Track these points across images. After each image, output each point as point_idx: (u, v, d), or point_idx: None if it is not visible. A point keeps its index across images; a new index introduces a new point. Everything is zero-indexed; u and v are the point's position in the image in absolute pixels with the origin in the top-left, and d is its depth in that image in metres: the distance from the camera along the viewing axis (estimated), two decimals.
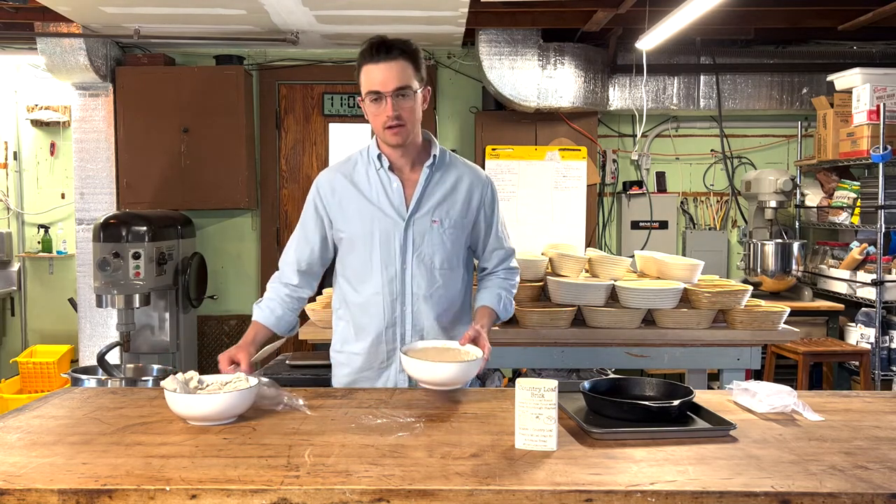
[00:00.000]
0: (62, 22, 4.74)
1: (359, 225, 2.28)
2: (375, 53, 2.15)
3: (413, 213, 2.27)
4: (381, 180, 2.29)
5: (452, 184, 2.32)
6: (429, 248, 2.28)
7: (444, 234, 2.29)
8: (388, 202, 2.27)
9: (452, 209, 2.30)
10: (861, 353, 4.51)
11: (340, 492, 1.40)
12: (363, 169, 2.31)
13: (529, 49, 4.99)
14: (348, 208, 2.30)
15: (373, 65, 2.16)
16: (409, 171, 2.31)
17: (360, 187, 2.30)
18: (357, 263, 2.31)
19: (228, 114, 5.19)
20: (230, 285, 5.65)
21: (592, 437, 1.72)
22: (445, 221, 2.29)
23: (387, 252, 2.27)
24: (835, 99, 4.95)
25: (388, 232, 2.27)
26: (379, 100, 2.17)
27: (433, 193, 2.30)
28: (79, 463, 1.54)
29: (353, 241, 2.30)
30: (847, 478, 1.48)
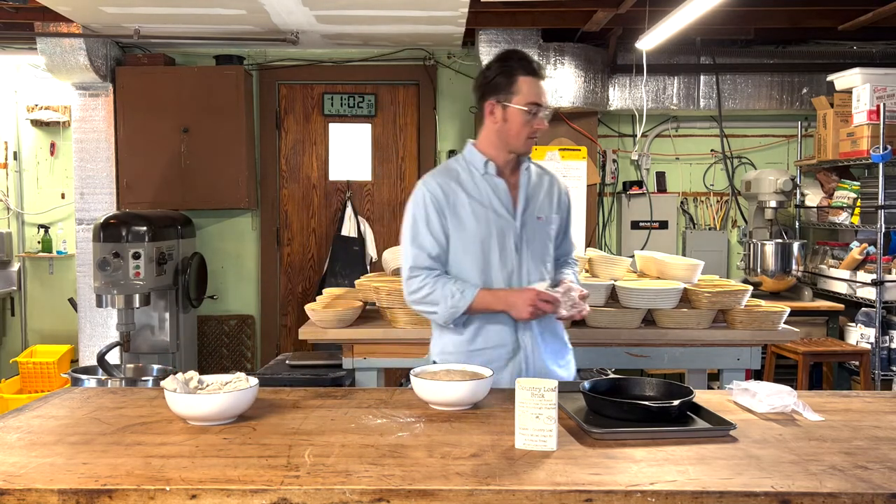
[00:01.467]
0: (62, 22, 4.74)
1: (475, 226, 2.37)
2: (538, 69, 2.35)
3: (522, 211, 2.41)
4: (489, 184, 2.40)
5: (543, 184, 2.49)
6: (538, 243, 2.43)
7: (548, 229, 2.46)
8: (499, 203, 2.39)
9: (548, 206, 2.47)
10: (861, 353, 4.51)
11: (340, 492, 1.41)
12: (467, 175, 2.42)
13: (529, 49, 4.99)
14: (461, 212, 2.38)
15: (536, 79, 2.33)
16: (509, 174, 2.44)
17: (469, 191, 2.40)
18: (475, 266, 2.38)
19: (228, 114, 5.18)
20: (230, 285, 5.65)
21: (592, 437, 1.72)
22: (546, 218, 2.46)
23: (504, 250, 2.37)
24: (835, 99, 4.95)
25: (504, 231, 2.37)
26: (536, 113, 2.33)
27: (533, 193, 2.45)
28: (79, 463, 1.54)
29: (471, 243, 2.38)
30: (847, 478, 1.48)
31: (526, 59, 2.35)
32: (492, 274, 2.38)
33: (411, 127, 5.63)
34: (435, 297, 2.34)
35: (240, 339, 5.62)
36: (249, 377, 1.96)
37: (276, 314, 5.65)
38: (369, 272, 5.25)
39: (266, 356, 5.57)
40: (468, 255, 2.38)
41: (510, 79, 2.32)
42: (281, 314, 5.67)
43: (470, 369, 2.09)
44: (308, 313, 3.42)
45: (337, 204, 5.62)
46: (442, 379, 1.99)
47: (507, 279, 2.38)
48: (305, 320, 3.50)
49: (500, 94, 2.34)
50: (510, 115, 2.33)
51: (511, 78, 2.31)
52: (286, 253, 5.66)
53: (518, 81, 2.31)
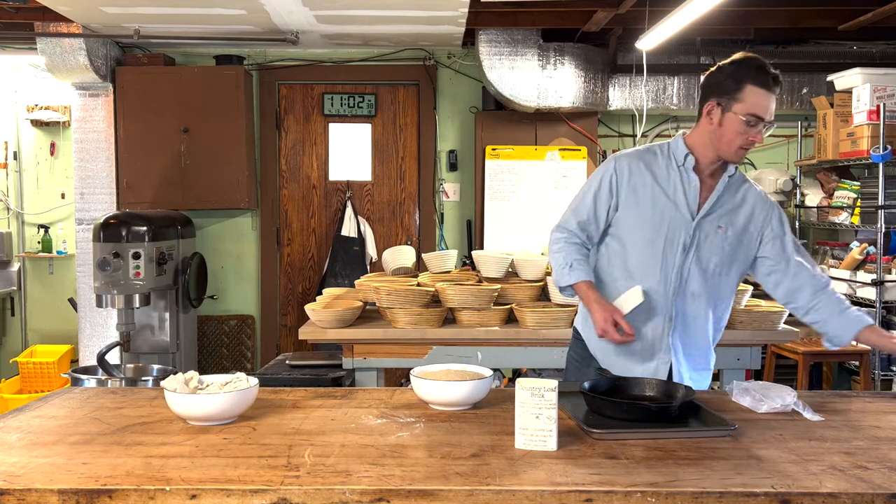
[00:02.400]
0: (62, 22, 4.74)
1: (650, 211, 2.34)
2: (772, 83, 2.22)
3: (705, 215, 2.34)
4: (681, 177, 2.35)
5: (742, 197, 2.39)
6: (708, 250, 2.34)
7: (726, 241, 2.35)
8: (683, 198, 2.34)
9: (737, 219, 2.36)
10: (861, 353, 4.51)
11: (340, 492, 1.40)
12: (663, 162, 2.38)
13: (529, 49, 4.99)
14: (642, 193, 2.35)
15: (766, 91, 2.22)
16: (707, 176, 2.37)
17: (657, 177, 2.36)
18: (639, 247, 2.36)
19: (228, 114, 5.19)
20: (230, 285, 5.65)
21: (592, 437, 1.72)
22: (729, 230, 2.35)
23: (671, 244, 2.33)
24: (835, 99, 4.95)
25: (677, 226, 2.33)
26: (755, 125, 2.23)
27: (725, 202, 2.36)
28: (79, 463, 1.54)
29: (641, 225, 2.35)
30: (847, 478, 1.48)
31: (763, 68, 2.23)
32: (653, 262, 2.34)
33: (411, 127, 5.63)
34: (557, 258, 2.39)
35: (240, 339, 5.62)
36: (249, 377, 1.96)
37: (276, 314, 5.65)
38: (369, 272, 5.25)
39: (266, 356, 5.57)
40: (637, 236, 2.36)
41: (738, 84, 2.23)
42: (281, 314, 5.67)
43: (470, 369, 2.09)
44: (308, 313, 3.42)
45: (337, 204, 5.62)
46: (442, 379, 1.99)
47: (665, 273, 2.34)
48: (305, 320, 3.50)
49: (724, 97, 2.26)
50: (727, 121, 2.26)
51: (739, 84, 2.23)
52: (286, 253, 5.66)
53: (745, 89, 2.22)
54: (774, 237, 2.39)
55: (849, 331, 2.28)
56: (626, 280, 2.37)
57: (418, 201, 5.64)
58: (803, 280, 2.36)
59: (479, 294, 3.37)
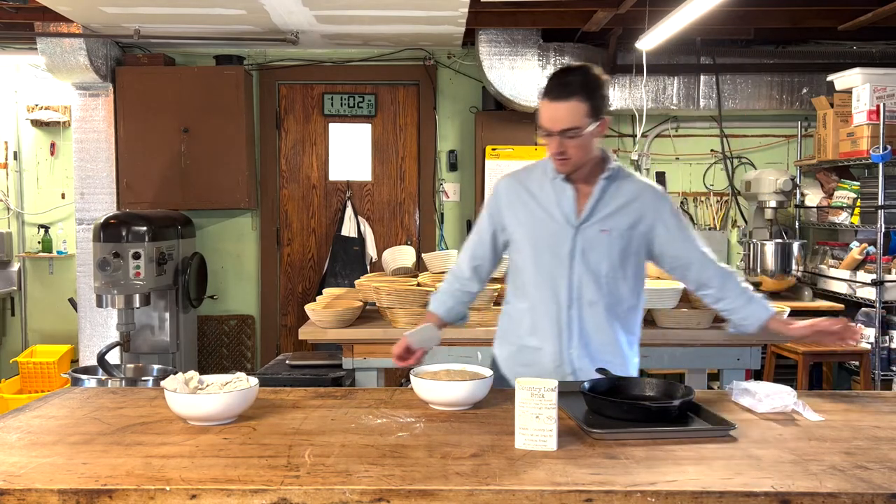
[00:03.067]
0: (62, 22, 4.73)
1: (530, 227, 2.36)
2: (552, 91, 2.20)
3: (584, 221, 2.31)
4: (555, 189, 2.35)
5: (626, 198, 2.35)
6: (596, 255, 2.31)
7: (613, 245, 2.32)
8: (557, 209, 2.33)
9: (622, 220, 2.33)
10: (861, 353, 4.51)
11: (340, 492, 1.40)
12: (539, 177, 2.38)
13: (529, 49, 4.99)
14: (521, 211, 2.37)
15: (547, 102, 2.21)
16: (584, 183, 2.35)
17: (532, 193, 2.37)
18: (526, 265, 2.37)
19: (228, 114, 5.19)
20: (230, 285, 5.65)
21: (592, 437, 1.72)
22: (614, 232, 2.32)
23: (555, 256, 2.32)
24: (835, 99, 4.95)
25: (558, 237, 2.32)
26: (549, 135, 2.23)
27: (606, 205, 2.33)
28: (79, 463, 1.54)
29: (524, 242, 2.37)
30: (847, 478, 1.48)
31: (553, 77, 2.23)
32: (540, 278, 2.35)
33: (411, 127, 5.62)
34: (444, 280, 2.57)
35: (240, 339, 5.63)
36: (249, 377, 1.96)
37: (276, 314, 5.65)
38: (369, 272, 5.25)
39: (266, 356, 5.57)
40: (522, 254, 2.39)
41: (541, 98, 2.26)
42: (281, 314, 5.67)
43: (470, 369, 2.09)
44: (308, 313, 3.42)
45: (337, 204, 5.62)
46: (442, 379, 1.99)
47: (554, 286, 2.32)
48: (305, 320, 3.50)
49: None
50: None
51: (541, 97, 2.25)
52: (286, 253, 5.66)
53: (541, 102, 2.25)
54: (668, 231, 2.38)
55: (757, 320, 2.34)
56: (523, 299, 2.40)
57: (418, 201, 5.64)
58: (711, 272, 2.40)
59: (478, 294, 3.37)
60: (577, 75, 2.21)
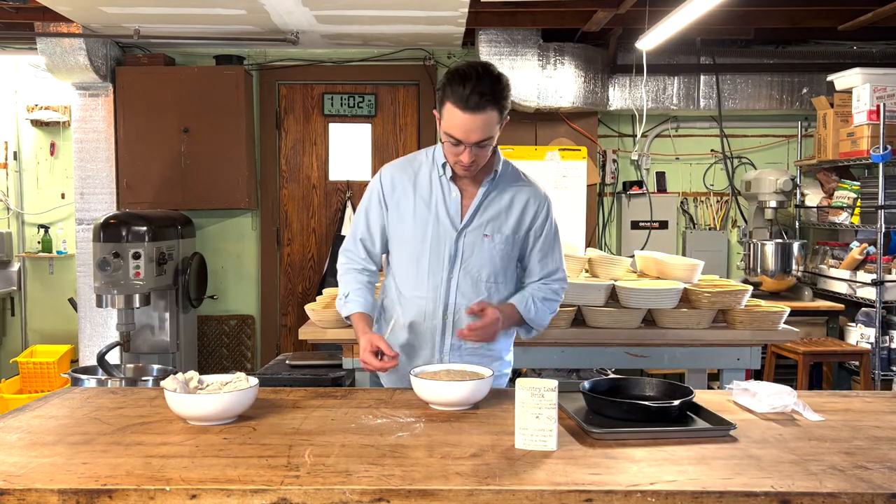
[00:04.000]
0: (62, 22, 4.73)
1: (412, 226, 2.29)
2: (468, 102, 2.05)
3: (466, 225, 2.27)
4: (443, 187, 2.28)
5: (509, 200, 2.30)
6: (477, 260, 2.28)
7: (494, 249, 2.28)
8: (444, 210, 2.27)
9: (505, 225, 2.29)
10: (861, 353, 4.51)
11: (340, 492, 1.40)
12: (427, 171, 2.31)
13: (529, 49, 4.99)
14: (404, 208, 2.30)
15: (460, 112, 2.07)
16: (470, 182, 2.29)
17: (419, 189, 2.29)
18: (406, 264, 2.32)
19: (228, 114, 5.19)
20: (230, 285, 5.65)
21: (592, 437, 1.72)
22: (496, 237, 2.28)
23: (436, 259, 2.27)
24: (835, 99, 4.95)
25: (440, 239, 2.27)
26: (458, 144, 2.13)
27: (488, 208, 2.28)
28: (79, 463, 1.54)
29: (405, 241, 2.31)
30: (847, 478, 1.48)
31: (464, 83, 2.05)
32: (418, 280, 2.29)
33: (411, 127, 5.62)
34: (341, 283, 2.39)
35: (240, 339, 5.62)
36: (249, 377, 1.96)
37: (276, 314, 5.65)
38: None
39: (266, 356, 5.57)
40: (401, 252, 2.32)
41: (442, 100, 2.13)
42: (281, 314, 5.67)
43: (470, 369, 2.09)
44: (308, 313, 3.42)
45: (337, 204, 5.62)
46: (442, 379, 1.99)
47: (434, 289, 2.27)
48: (305, 320, 3.50)
49: (439, 107, 2.17)
50: (441, 134, 2.19)
51: (443, 100, 2.12)
52: (286, 253, 5.66)
53: (446, 106, 2.11)
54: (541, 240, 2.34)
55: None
56: (399, 298, 2.33)
57: None
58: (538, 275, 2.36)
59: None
60: (490, 83, 2.07)
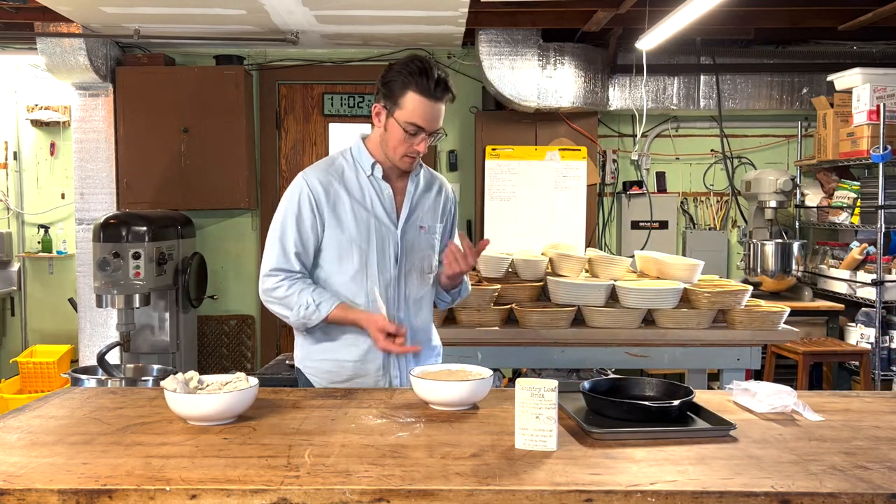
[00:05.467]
0: (62, 22, 4.74)
1: (355, 230, 2.25)
2: (434, 90, 2.12)
3: (406, 220, 2.31)
4: (374, 187, 2.28)
5: (432, 192, 2.40)
6: (419, 253, 2.34)
7: (431, 240, 2.37)
8: (382, 209, 2.29)
9: (433, 215, 2.38)
10: (861, 353, 4.51)
11: (340, 492, 1.40)
12: (352, 174, 2.29)
13: (529, 49, 4.99)
14: (342, 212, 2.25)
15: (427, 100, 2.13)
16: (396, 179, 2.33)
17: (352, 193, 2.27)
18: (352, 271, 2.27)
19: (228, 114, 5.19)
20: (230, 285, 5.65)
21: (592, 437, 1.72)
22: (430, 227, 2.36)
23: (383, 259, 2.28)
24: (835, 99, 4.95)
25: (384, 239, 2.28)
26: (416, 134, 2.16)
27: (419, 202, 2.35)
28: (79, 463, 1.54)
29: (348, 247, 2.26)
30: (847, 478, 1.48)
31: (426, 74, 2.11)
32: (368, 281, 2.26)
33: None
34: (289, 301, 2.23)
35: (240, 339, 5.62)
36: (249, 377, 1.95)
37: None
38: None
39: (266, 356, 5.57)
40: (344, 258, 2.26)
41: (401, 90, 2.13)
42: None
43: (469, 369, 2.09)
44: None
45: None
46: (443, 379, 1.99)
47: (384, 288, 2.26)
48: None
49: (389, 100, 2.17)
50: (391, 127, 2.18)
51: (403, 90, 2.13)
52: None
53: (407, 96, 2.12)
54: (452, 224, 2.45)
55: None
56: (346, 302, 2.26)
57: None
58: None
59: (478, 294, 3.37)
60: (445, 77, 2.17)
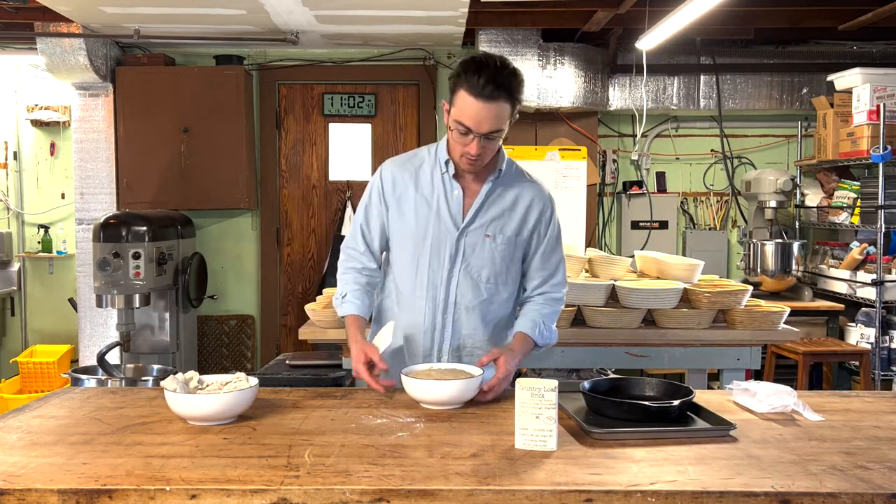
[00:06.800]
0: (62, 22, 4.73)
1: (413, 224, 2.25)
2: (483, 90, 2.04)
3: (468, 224, 2.23)
4: (444, 185, 2.24)
5: (513, 200, 2.27)
6: (478, 261, 2.24)
7: (496, 250, 2.24)
8: (446, 208, 2.23)
9: (507, 225, 2.25)
10: (861, 353, 4.51)
11: (340, 492, 1.40)
12: (428, 168, 2.27)
13: (529, 49, 4.99)
14: (406, 205, 2.26)
15: (474, 100, 2.05)
16: (473, 180, 2.26)
17: (421, 187, 2.25)
18: (405, 262, 2.28)
19: (228, 114, 5.18)
20: (230, 285, 5.64)
21: (592, 437, 1.72)
22: (499, 238, 2.25)
23: (436, 258, 2.24)
24: (835, 99, 4.95)
25: (441, 238, 2.23)
26: (467, 134, 2.10)
27: (491, 207, 2.25)
28: (79, 463, 1.54)
29: (405, 239, 2.27)
30: (847, 478, 1.48)
31: (479, 72, 2.04)
32: (418, 279, 2.25)
33: (411, 127, 5.62)
34: (340, 281, 2.35)
35: (240, 339, 5.62)
36: (249, 377, 1.96)
37: (276, 314, 5.65)
38: None
39: (266, 356, 5.57)
40: (403, 252, 2.28)
41: (455, 88, 2.11)
42: (281, 314, 5.67)
43: (461, 368, 2.09)
44: (308, 313, 3.42)
45: (337, 204, 5.62)
46: (433, 378, 1.99)
47: (433, 289, 2.24)
48: (305, 320, 3.50)
49: (449, 98, 2.15)
50: (450, 123, 2.15)
51: (456, 87, 2.10)
52: (286, 253, 5.66)
53: (459, 94, 2.09)
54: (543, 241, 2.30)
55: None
56: (398, 297, 2.28)
57: None
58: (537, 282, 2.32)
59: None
60: (506, 75, 2.07)
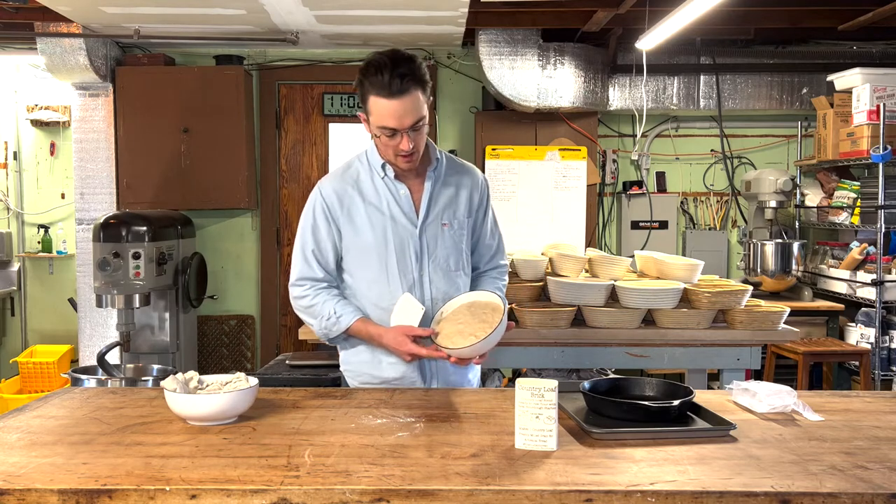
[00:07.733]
0: (62, 22, 4.74)
1: (370, 235, 2.24)
2: (391, 88, 2.05)
3: (425, 218, 2.26)
4: (389, 188, 2.26)
5: (455, 186, 2.32)
6: (443, 251, 2.28)
7: (455, 236, 2.30)
8: (399, 210, 2.25)
9: (458, 211, 2.31)
10: (861, 353, 4.51)
11: (340, 492, 1.40)
12: (367, 177, 2.28)
13: (529, 49, 4.99)
14: (357, 218, 2.24)
15: (387, 100, 2.07)
16: (414, 177, 2.28)
17: (366, 196, 2.26)
18: (373, 277, 2.26)
19: (228, 114, 5.19)
20: (230, 285, 5.65)
21: (592, 437, 1.72)
22: (454, 223, 2.29)
23: (403, 261, 2.24)
24: (835, 99, 4.95)
25: (403, 240, 2.24)
26: (394, 134, 2.11)
27: (439, 197, 2.29)
28: (79, 463, 1.54)
29: (366, 252, 2.25)
30: (847, 478, 1.48)
31: (381, 72, 2.06)
32: (391, 287, 2.23)
33: None
34: (314, 311, 2.27)
35: (240, 339, 5.62)
36: (249, 377, 1.95)
37: (276, 314, 5.65)
38: None
39: (266, 356, 5.57)
40: (365, 264, 2.25)
41: (364, 96, 2.13)
42: (281, 314, 5.67)
43: (481, 304, 2.14)
44: None
45: None
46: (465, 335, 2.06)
47: (409, 290, 2.24)
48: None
49: (363, 107, 2.15)
50: (374, 131, 2.17)
51: (366, 95, 2.12)
52: (286, 253, 5.65)
53: (370, 100, 2.10)
54: (486, 217, 2.39)
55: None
56: (373, 308, 2.25)
57: None
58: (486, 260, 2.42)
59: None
60: (406, 65, 2.08)
